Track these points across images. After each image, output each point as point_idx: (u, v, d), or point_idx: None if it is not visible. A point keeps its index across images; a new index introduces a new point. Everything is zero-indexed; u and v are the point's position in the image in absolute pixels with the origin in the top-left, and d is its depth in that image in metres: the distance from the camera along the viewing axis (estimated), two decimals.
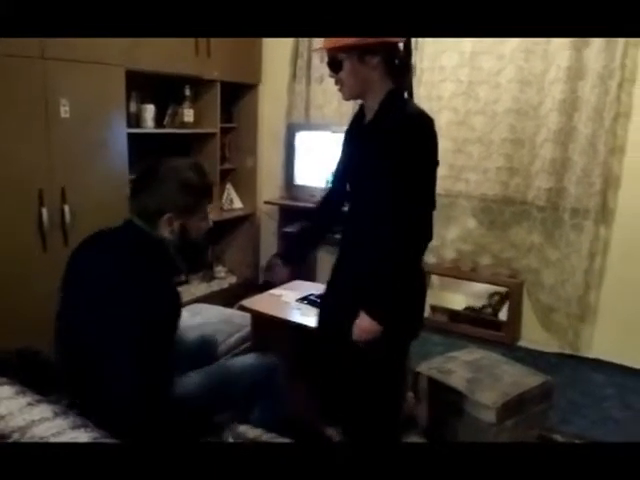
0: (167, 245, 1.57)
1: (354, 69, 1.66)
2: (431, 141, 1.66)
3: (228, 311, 2.99)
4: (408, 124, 1.63)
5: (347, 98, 1.78)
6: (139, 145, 3.20)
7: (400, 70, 1.72)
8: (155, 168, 1.58)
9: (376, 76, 1.68)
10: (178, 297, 1.54)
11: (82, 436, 0.89)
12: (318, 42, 3.56)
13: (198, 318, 2.80)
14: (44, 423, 0.91)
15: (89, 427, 0.93)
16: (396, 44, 1.70)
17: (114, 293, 1.43)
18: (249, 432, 1.75)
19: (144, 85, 3.35)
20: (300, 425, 2.08)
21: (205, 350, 2.13)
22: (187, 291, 3.81)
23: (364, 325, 1.69)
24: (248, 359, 1.96)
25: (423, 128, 1.64)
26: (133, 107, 3.31)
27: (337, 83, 1.72)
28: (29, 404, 0.97)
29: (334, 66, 1.69)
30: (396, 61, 1.70)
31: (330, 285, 1.98)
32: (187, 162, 1.65)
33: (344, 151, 1.90)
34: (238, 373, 1.87)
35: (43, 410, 0.95)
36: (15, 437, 0.87)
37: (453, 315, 3.84)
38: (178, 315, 1.53)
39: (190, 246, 1.63)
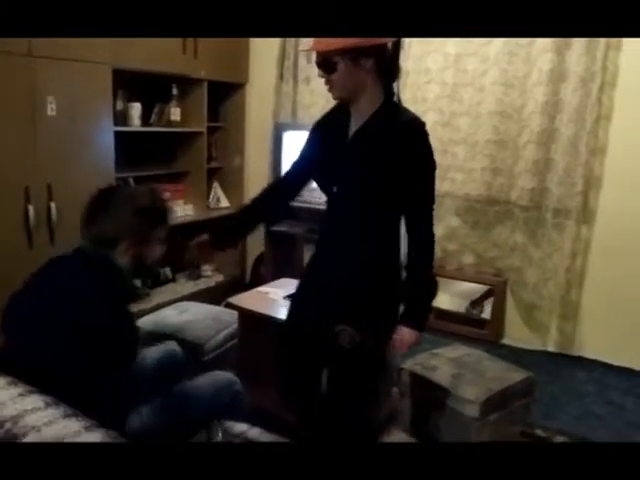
0: (121, 271, 1.55)
1: (347, 71, 1.65)
2: (431, 145, 1.71)
3: (216, 308, 3.01)
4: (416, 129, 1.67)
5: (337, 98, 1.77)
6: (126, 143, 3.20)
7: (392, 73, 1.73)
8: (110, 195, 1.57)
9: (369, 79, 1.67)
10: (133, 322, 1.55)
11: (73, 425, 0.91)
12: (305, 43, 3.59)
13: (185, 315, 2.81)
14: (36, 412, 0.93)
15: (80, 416, 0.94)
16: (387, 45, 1.70)
17: (69, 322, 1.40)
18: (235, 427, 1.77)
19: (131, 83, 3.35)
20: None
21: (170, 364, 2.04)
22: (173, 290, 3.81)
23: (408, 338, 1.72)
24: (205, 381, 1.90)
25: (426, 133, 1.68)
26: (120, 105, 3.31)
27: (327, 84, 1.71)
28: (20, 394, 0.98)
29: (327, 68, 1.67)
30: (387, 64, 1.70)
31: (307, 282, 1.94)
32: (143, 189, 1.65)
33: (316, 147, 1.86)
34: (196, 398, 1.81)
35: (35, 400, 0.97)
36: (7, 426, 0.89)
37: (438, 314, 3.88)
38: (135, 340, 1.54)
39: (144, 270, 1.63)
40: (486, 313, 3.71)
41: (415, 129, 1.67)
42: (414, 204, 1.70)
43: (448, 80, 3.52)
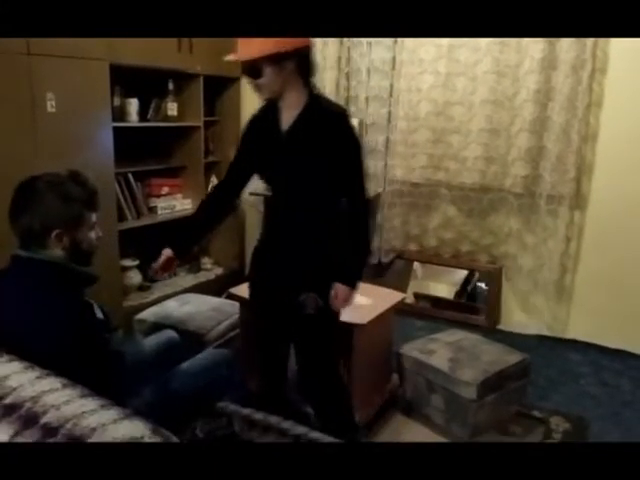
0: (63, 263, 1.53)
1: (273, 75, 1.81)
2: (354, 127, 1.96)
3: (217, 300, 3.06)
4: (342, 117, 1.88)
5: (266, 99, 1.93)
6: (124, 139, 3.24)
7: (311, 70, 1.89)
8: (31, 186, 1.52)
9: (292, 78, 1.84)
10: (91, 311, 1.53)
11: (90, 403, 0.96)
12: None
13: (187, 307, 2.87)
14: (54, 393, 0.98)
15: (95, 396, 1.00)
16: (307, 47, 1.86)
17: (27, 332, 1.39)
18: (240, 411, 1.82)
19: (128, 79, 3.38)
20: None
21: (168, 349, 2.10)
22: (174, 283, 3.86)
23: (342, 294, 1.93)
24: (199, 360, 1.98)
25: (349, 118, 1.92)
26: (117, 101, 3.34)
27: (255, 87, 1.87)
28: (37, 377, 1.03)
29: (253, 73, 1.83)
30: (307, 62, 1.86)
31: (262, 263, 2.08)
32: (64, 174, 1.57)
33: (253, 144, 2.02)
34: (192, 373, 1.89)
35: (51, 382, 1.02)
36: (28, 405, 0.94)
37: (435, 301, 3.95)
38: (94, 329, 1.51)
39: (86, 257, 1.59)
40: (482, 300, 3.78)
41: (341, 117, 1.88)
42: (350, 179, 1.91)
43: (441, 70, 3.56)
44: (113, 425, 0.90)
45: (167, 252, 2.03)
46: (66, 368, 1.18)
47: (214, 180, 4.29)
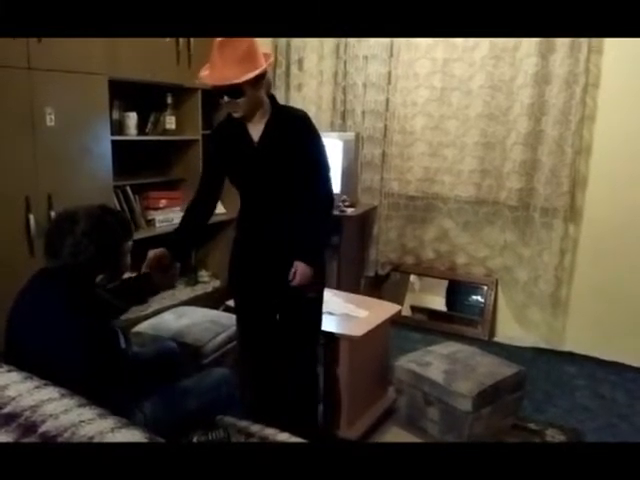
0: (100, 294, 1.62)
1: (253, 94, 1.94)
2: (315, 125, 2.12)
3: (214, 312, 3.06)
4: (305, 120, 2.07)
5: (241, 117, 2.01)
6: (122, 152, 3.26)
7: (270, 83, 2.12)
8: (71, 218, 1.58)
9: (262, 93, 2.00)
10: (117, 339, 1.60)
11: (87, 413, 0.97)
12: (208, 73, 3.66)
13: (184, 319, 2.87)
14: (52, 402, 0.99)
15: (92, 405, 1.01)
16: (270, 63, 2.01)
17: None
18: (237, 423, 1.83)
19: (126, 93, 3.41)
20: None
21: (168, 357, 2.13)
22: (172, 296, 3.86)
23: (302, 271, 2.08)
24: (199, 380, 2.00)
25: (310, 119, 2.10)
26: (116, 115, 3.37)
27: (232, 106, 1.97)
28: (36, 387, 1.04)
29: (234, 94, 1.92)
30: (267, 77, 2.03)
31: (245, 261, 2.28)
32: (95, 209, 1.64)
33: (223, 157, 2.15)
34: (193, 393, 1.89)
35: (50, 392, 1.03)
36: (27, 414, 0.95)
37: (432, 314, 3.95)
38: (118, 357, 1.59)
39: (124, 288, 1.70)
40: (478, 312, 3.79)
41: (303, 120, 2.07)
42: (316, 172, 2.10)
43: (436, 84, 3.61)
44: (111, 434, 0.91)
45: (152, 251, 2.10)
46: (83, 388, 1.21)
47: None
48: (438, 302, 4.16)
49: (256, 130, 2.06)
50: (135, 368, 1.78)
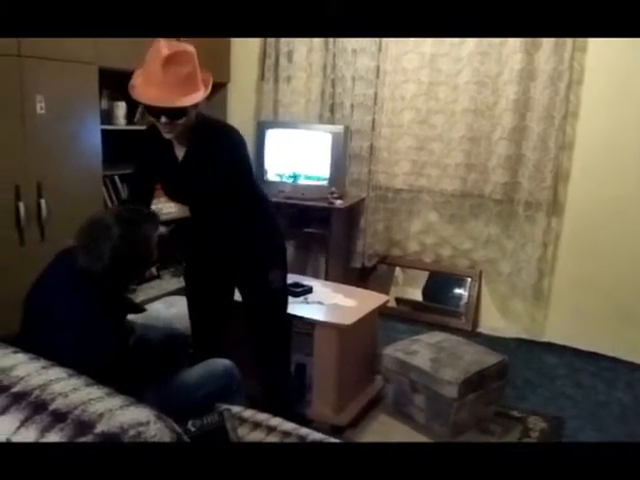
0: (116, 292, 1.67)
1: (193, 112, 1.94)
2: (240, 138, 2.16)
3: None
4: (231, 133, 2.09)
5: (175, 137, 1.99)
6: (111, 142, 3.26)
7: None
8: (104, 223, 1.62)
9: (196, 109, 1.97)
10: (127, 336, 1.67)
11: (96, 392, 1.00)
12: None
13: (173, 310, 2.90)
14: (60, 382, 1.01)
15: (100, 385, 1.04)
16: None
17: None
18: (243, 413, 1.85)
19: (116, 83, 3.40)
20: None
21: (173, 346, 2.18)
22: (159, 286, 3.88)
23: (280, 275, 2.27)
24: (203, 368, 2.02)
25: (236, 131, 2.12)
26: (105, 104, 3.37)
27: (170, 126, 1.91)
28: (43, 367, 1.07)
29: (176, 115, 1.88)
30: None
31: (201, 258, 2.35)
32: (130, 212, 1.70)
33: (150, 170, 2.17)
34: (195, 384, 1.92)
35: (57, 372, 1.05)
36: (36, 393, 0.97)
37: (416, 305, 4.02)
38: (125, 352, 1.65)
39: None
40: (462, 304, 3.86)
41: (227, 136, 2.07)
42: (244, 178, 2.17)
43: (424, 79, 3.66)
44: (120, 411, 0.94)
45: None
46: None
47: None
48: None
49: (180, 148, 2.06)
50: (143, 356, 1.82)
